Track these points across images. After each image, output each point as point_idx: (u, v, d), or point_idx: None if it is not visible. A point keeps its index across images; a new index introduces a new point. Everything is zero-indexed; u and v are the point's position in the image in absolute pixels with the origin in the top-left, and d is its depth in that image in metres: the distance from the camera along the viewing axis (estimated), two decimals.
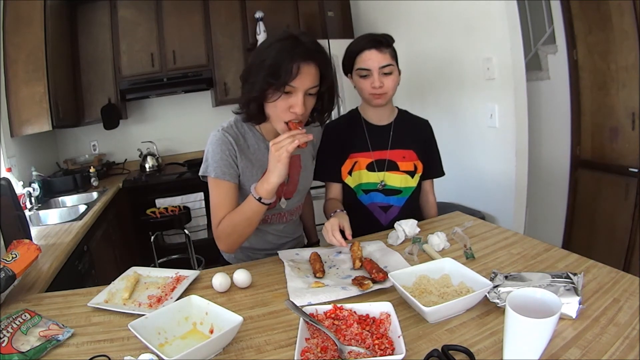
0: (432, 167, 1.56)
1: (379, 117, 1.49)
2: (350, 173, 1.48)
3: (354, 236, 1.24)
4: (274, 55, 1.03)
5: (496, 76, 2.16)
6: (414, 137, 1.51)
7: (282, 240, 1.39)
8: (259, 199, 1.09)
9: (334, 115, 3.02)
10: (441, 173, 1.59)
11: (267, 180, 1.07)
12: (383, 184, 1.47)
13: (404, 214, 1.43)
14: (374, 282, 1.00)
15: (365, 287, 0.97)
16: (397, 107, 1.55)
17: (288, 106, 1.07)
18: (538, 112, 2.57)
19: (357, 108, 1.54)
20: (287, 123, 1.10)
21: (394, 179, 1.47)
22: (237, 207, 1.17)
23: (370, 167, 1.47)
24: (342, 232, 1.22)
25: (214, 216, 1.18)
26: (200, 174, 1.20)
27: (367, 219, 1.49)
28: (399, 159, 1.48)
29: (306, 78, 1.05)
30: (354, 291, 0.98)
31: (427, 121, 1.58)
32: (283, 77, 1.02)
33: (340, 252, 1.23)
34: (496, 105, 2.19)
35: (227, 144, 1.16)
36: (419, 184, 1.52)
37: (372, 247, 1.23)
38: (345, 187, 1.50)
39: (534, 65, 2.57)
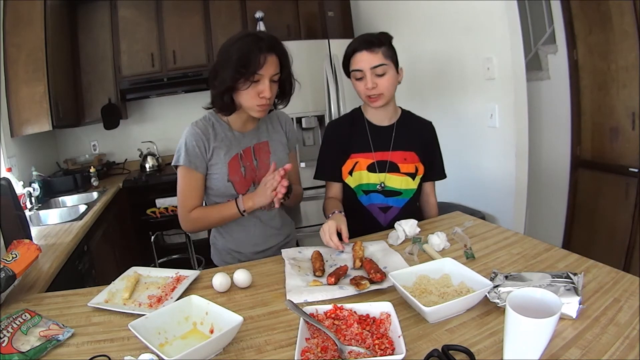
0: (434, 169, 1.55)
1: (381, 117, 1.48)
2: (350, 173, 1.48)
3: (352, 236, 1.24)
4: (240, 50, 1.18)
5: (496, 76, 2.16)
6: (416, 138, 1.50)
7: (268, 233, 1.40)
8: (243, 211, 1.27)
9: (334, 114, 3.03)
10: (443, 175, 1.58)
11: (252, 200, 1.26)
12: (382, 185, 1.46)
13: (403, 215, 1.42)
14: (372, 282, 1.00)
15: (362, 287, 0.97)
16: (400, 108, 1.53)
17: (257, 93, 1.21)
18: (538, 112, 2.56)
19: (360, 107, 1.53)
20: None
21: (394, 181, 1.47)
22: (203, 195, 1.34)
23: (371, 168, 1.46)
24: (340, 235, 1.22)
25: (183, 202, 1.32)
26: (172, 164, 1.34)
27: (366, 219, 1.49)
28: (400, 161, 1.47)
29: (270, 66, 1.20)
30: (351, 291, 0.98)
31: (430, 123, 1.56)
32: (252, 66, 1.17)
33: (342, 252, 1.23)
34: (496, 105, 2.19)
35: (195, 135, 1.29)
36: (420, 186, 1.52)
37: (374, 247, 1.23)
38: (346, 187, 1.50)
39: (534, 65, 2.57)
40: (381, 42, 1.36)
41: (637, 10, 2.00)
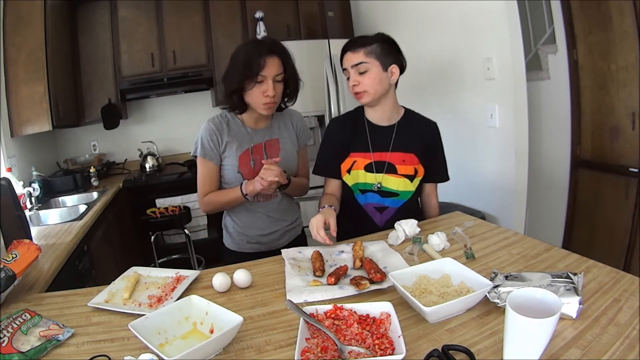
0: (436, 171, 1.53)
1: (380, 117, 1.47)
2: (348, 172, 1.48)
3: (347, 235, 1.24)
4: (244, 55, 1.32)
5: (496, 76, 2.16)
6: (418, 139, 1.47)
7: (270, 219, 1.49)
8: (245, 195, 1.39)
9: (334, 114, 3.04)
10: (445, 178, 1.55)
11: (253, 185, 1.36)
12: (379, 185, 1.46)
13: (400, 216, 1.40)
14: (372, 282, 1.00)
15: (362, 287, 0.97)
16: (403, 107, 1.52)
17: (262, 92, 1.32)
18: (538, 112, 2.56)
19: (362, 106, 1.52)
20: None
21: (391, 182, 1.46)
22: (217, 182, 1.46)
23: (369, 168, 1.46)
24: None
25: (200, 187, 1.46)
26: (191, 154, 1.47)
27: (362, 218, 1.49)
28: (399, 162, 1.46)
29: (272, 67, 1.32)
30: (351, 291, 0.98)
31: (434, 123, 1.54)
32: (255, 68, 1.30)
33: (342, 252, 1.23)
34: (496, 105, 2.19)
35: (210, 130, 1.42)
36: (419, 187, 1.51)
37: (374, 247, 1.24)
38: (343, 184, 1.51)
39: (534, 65, 2.57)
40: (366, 41, 1.37)
41: (637, 10, 2.00)
